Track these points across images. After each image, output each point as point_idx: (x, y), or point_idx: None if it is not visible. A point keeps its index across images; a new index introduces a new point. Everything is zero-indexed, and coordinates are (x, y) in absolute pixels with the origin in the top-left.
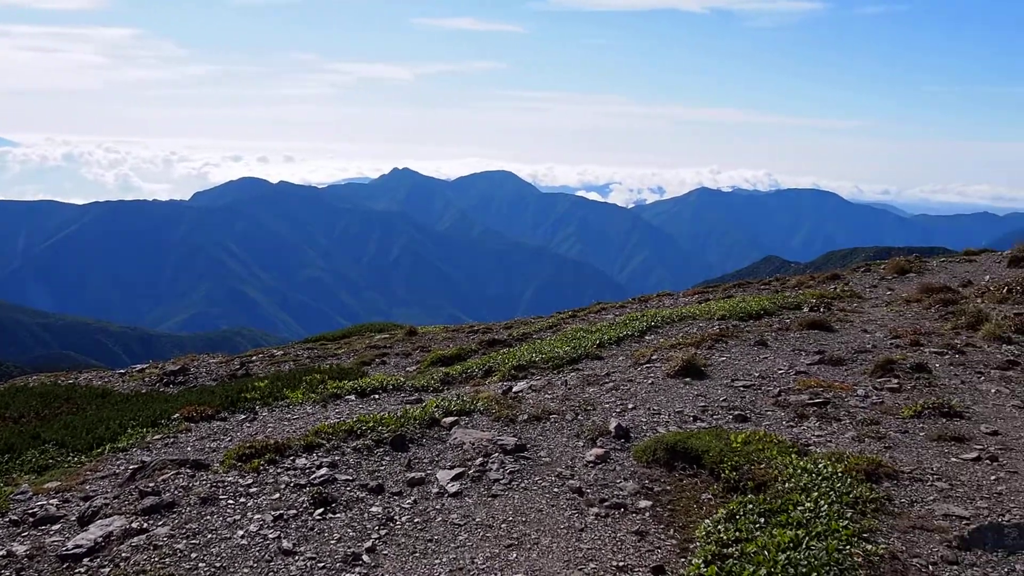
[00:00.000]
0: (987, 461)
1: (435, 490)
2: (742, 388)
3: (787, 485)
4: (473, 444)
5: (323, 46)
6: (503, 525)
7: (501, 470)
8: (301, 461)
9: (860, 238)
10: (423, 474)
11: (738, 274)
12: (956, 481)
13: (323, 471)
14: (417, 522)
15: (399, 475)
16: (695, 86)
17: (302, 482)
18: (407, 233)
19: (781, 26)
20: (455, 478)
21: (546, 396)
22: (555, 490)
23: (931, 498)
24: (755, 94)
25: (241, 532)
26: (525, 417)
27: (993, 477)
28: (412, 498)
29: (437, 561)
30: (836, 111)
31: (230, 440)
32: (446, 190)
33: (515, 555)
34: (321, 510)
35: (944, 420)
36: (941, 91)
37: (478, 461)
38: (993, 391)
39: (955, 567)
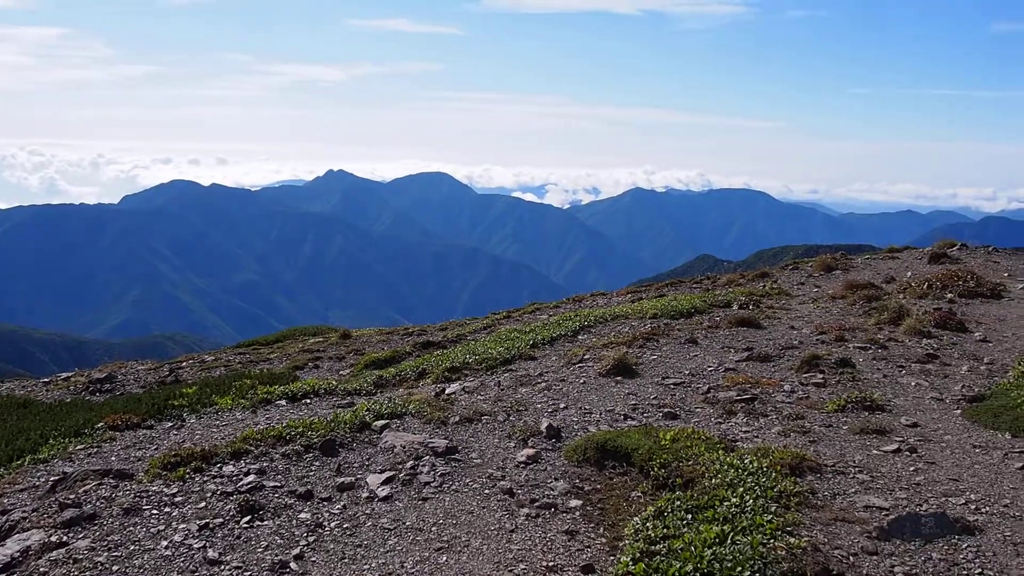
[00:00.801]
0: (907, 453)
1: (365, 494)
2: (672, 386)
3: (714, 481)
4: (404, 447)
5: (259, 47)
6: (433, 528)
7: (432, 473)
8: (228, 468)
9: (790, 236)
10: (353, 479)
11: (672, 273)
12: (877, 473)
13: (251, 478)
14: (346, 527)
15: (329, 480)
16: (629, 87)
17: (229, 490)
18: (343, 235)
19: (711, 28)
20: (385, 482)
21: (479, 397)
22: (486, 492)
23: (853, 490)
24: (688, 95)
25: (165, 543)
26: (457, 419)
27: (912, 468)
28: (342, 503)
29: (366, 567)
30: (766, 112)
31: (156, 449)
32: (382, 192)
33: (445, 558)
34: (248, 518)
35: (866, 414)
36: (866, 93)
37: (409, 464)
38: (913, 384)
39: (875, 557)
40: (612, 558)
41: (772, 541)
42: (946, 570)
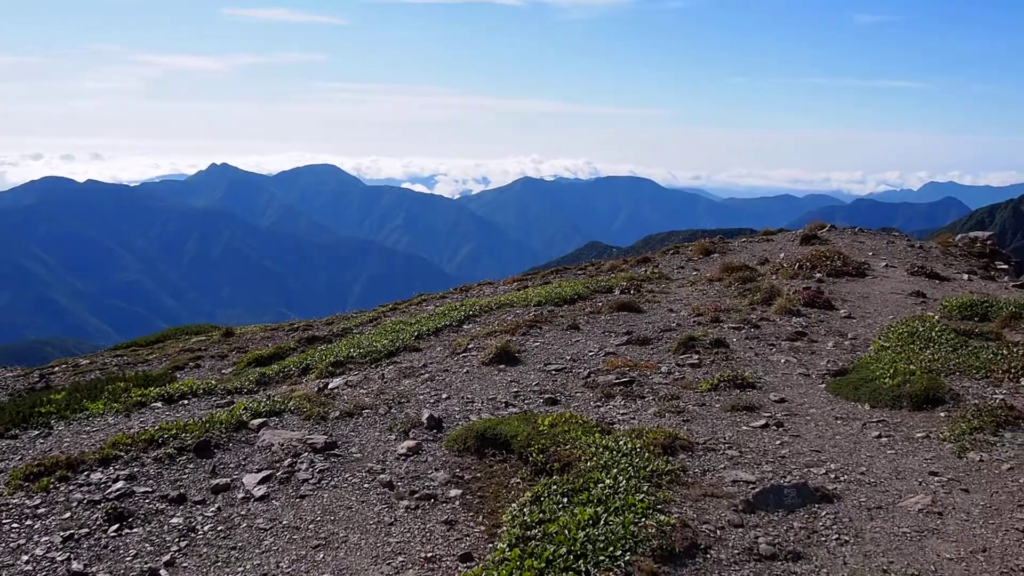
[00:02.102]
0: (774, 427)
1: (241, 495)
2: (554, 372)
3: (590, 464)
4: (282, 445)
5: (126, 36)
6: (311, 526)
7: (310, 469)
8: (96, 476)
9: (675, 222)
10: (229, 480)
11: (563, 260)
12: (745, 448)
13: (120, 484)
14: (220, 530)
15: (203, 483)
16: (516, 78)
17: (96, 498)
18: (229, 230)
19: (593, 18)
20: (262, 481)
21: (361, 391)
22: (365, 486)
23: (722, 466)
24: (574, 85)
25: (26, 557)
26: (337, 414)
27: (778, 442)
28: (216, 506)
29: (240, 569)
30: (650, 100)
31: (20, 459)
32: (268, 185)
33: (322, 555)
34: (117, 526)
35: (738, 391)
36: (743, 82)
37: (287, 462)
38: (783, 361)
39: (740, 530)
40: (491, 545)
41: (643, 520)
42: (806, 538)
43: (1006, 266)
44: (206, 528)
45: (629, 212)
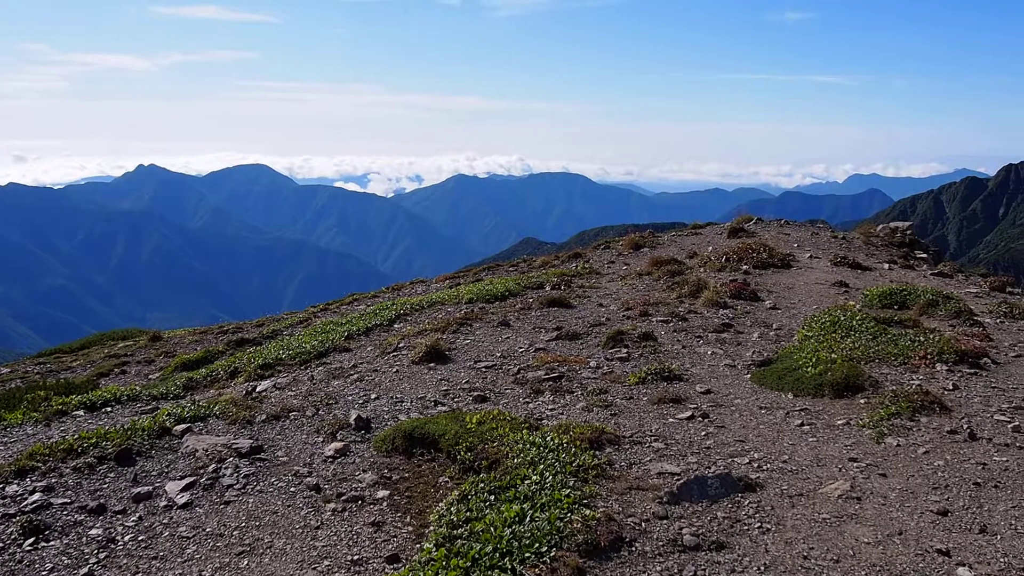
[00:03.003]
0: (699, 419)
1: (163, 503)
2: (484, 369)
3: (517, 461)
4: (207, 450)
5: (53, 35)
6: (235, 532)
7: (235, 475)
8: (12, 488)
9: (609, 217)
10: (151, 488)
11: (498, 257)
12: (671, 440)
13: (36, 496)
14: (141, 540)
15: (124, 492)
16: (448, 75)
17: (11, 511)
18: (158, 233)
19: (524, 15)
20: (185, 488)
21: (289, 393)
22: (292, 490)
23: (648, 459)
24: (506, 82)
25: None
26: (264, 417)
27: (703, 433)
28: (137, 515)
29: None
30: (582, 96)
31: None
32: (198, 186)
33: (247, 562)
34: (32, 539)
35: (665, 384)
36: (675, 77)
37: (211, 468)
38: (709, 353)
39: (665, 521)
40: (418, 546)
41: (569, 515)
42: (729, 527)
43: (925, 255)
44: (126, 538)
45: (563, 208)
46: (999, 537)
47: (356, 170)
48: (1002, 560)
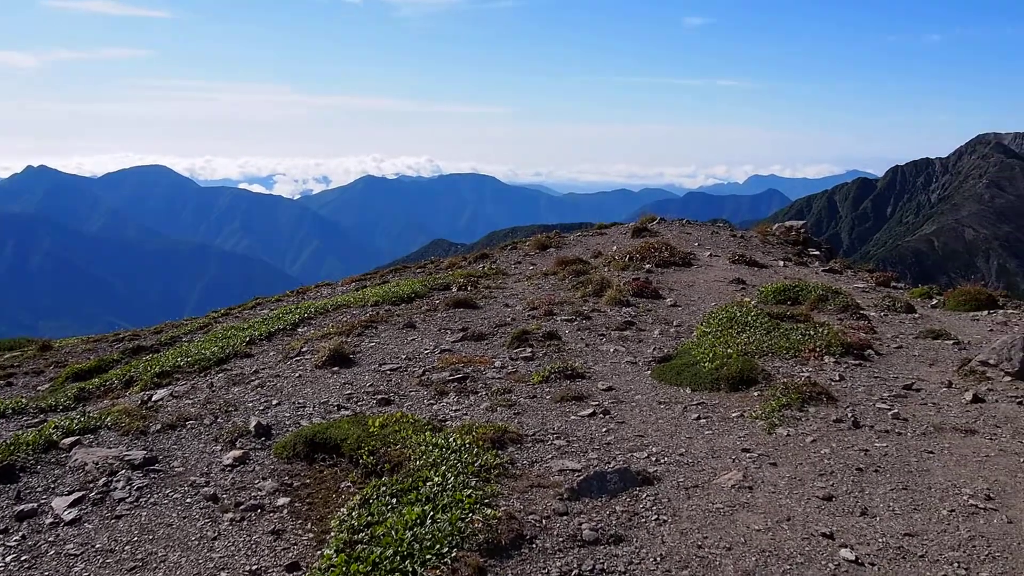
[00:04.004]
0: (601, 415)
1: (49, 520)
2: (389, 371)
3: (419, 463)
4: (97, 464)
5: None
6: (127, 547)
7: (128, 488)
8: None
9: (518, 218)
10: (36, 505)
11: (407, 259)
12: (573, 437)
13: None
14: (25, 560)
15: (6, 510)
16: (355, 75)
17: None
18: (50, 237)
19: (429, 16)
20: (73, 504)
21: (187, 402)
22: (187, 501)
23: (550, 456)
24: (414, 83)
25: None
26: (159, 427)
27: (604, 429)
28: (20, 534)
29: None
30: (491, 98)
31: None
32: (93, 188)
33: None
34: None
35: (568, 382)
36: (581, 80)
37: (101, 481)
38: (612, 350)
39: (565, 518)
40: (318, 553)
41: (471, 515)
42: (627, 520)
43: (818, 252)
44: (8, 559)
45: (473, 209)
46: (878, 519)
47: (261, 171)
48: (880, 540)
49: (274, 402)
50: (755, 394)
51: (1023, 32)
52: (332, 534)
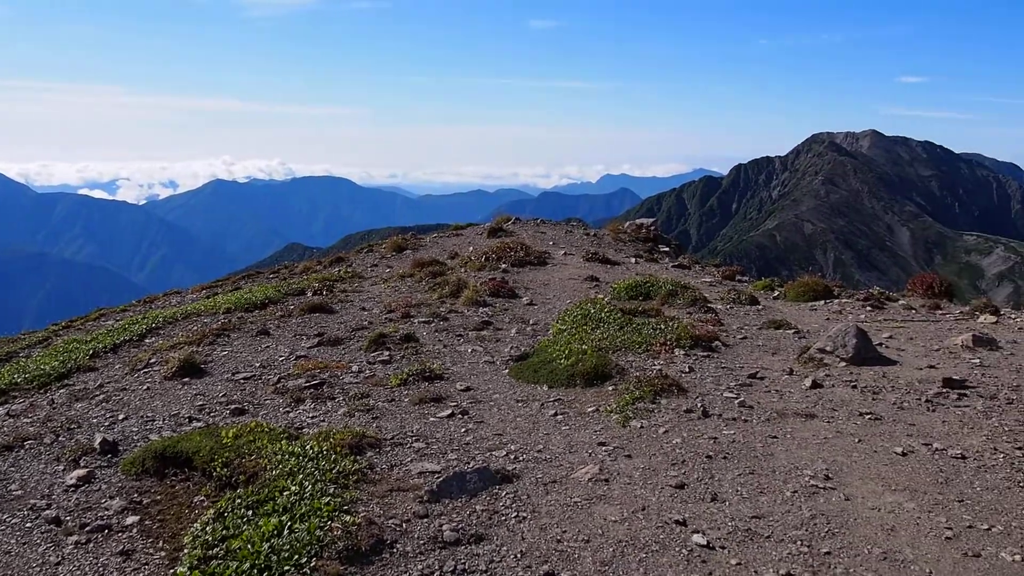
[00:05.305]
0: (459, 416)
1: None
2: (243, 380)
3: (275, 472)
4: None
5: None
6: None
7: None
8: None
9: (375, 220)
10: None
11: (261, 264)
12: (432, 439)
13: None
14: None
15: None
16: (201, 76)
17: None
18: None
19: (280, 16)
20: None
21: (25, 420)
22: (27, 525)
23: (409, 459)
24: (264, 84)
25: None
26: None
27: (463, 430)
28: None
29: None
30: (343, 99)
31: None
32: None
33: None
34: None
35: (426, 384)
36: (432, 82)
37: None
38: (470, 351)
39: (425, 520)
40: (171, 571)
41: (329, 523)
42: (487, 519)
43: (667, 249)
44: None
45: (328, 212)
46: (727, 503)
47: (103, 176)
48: (730, 524)
49: (121, 417)
50: (610, 388)
51: (841, 39)
52: (186, 551)
